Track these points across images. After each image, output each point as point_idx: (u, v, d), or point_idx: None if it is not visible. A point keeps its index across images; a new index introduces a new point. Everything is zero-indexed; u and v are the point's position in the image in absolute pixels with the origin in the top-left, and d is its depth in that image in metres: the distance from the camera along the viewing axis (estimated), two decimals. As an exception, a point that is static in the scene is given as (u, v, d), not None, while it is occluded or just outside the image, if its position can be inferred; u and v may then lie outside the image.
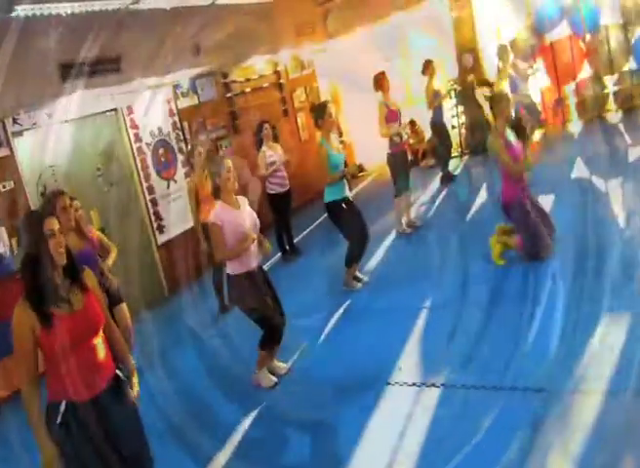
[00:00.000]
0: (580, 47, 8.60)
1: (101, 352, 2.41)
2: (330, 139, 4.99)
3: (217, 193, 3.80)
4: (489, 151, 4.58)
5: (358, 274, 5.21)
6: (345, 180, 5.06)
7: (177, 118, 7.26)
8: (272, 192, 6.57)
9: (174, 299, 6.32)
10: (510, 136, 4.54)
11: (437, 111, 7.97)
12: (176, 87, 7.34)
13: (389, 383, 3.52)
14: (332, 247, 6.44)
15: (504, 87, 6.65)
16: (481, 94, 4.77)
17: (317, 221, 8.21)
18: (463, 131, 9.14)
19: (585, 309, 3.58)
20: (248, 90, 8.68)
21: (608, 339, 3.21)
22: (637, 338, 3.14)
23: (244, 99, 8.58)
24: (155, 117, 6.89)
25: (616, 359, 3.04)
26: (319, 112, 4.95)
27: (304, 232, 7.73)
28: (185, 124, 7.42)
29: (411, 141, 9.72)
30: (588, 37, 8.48)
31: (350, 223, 4.98)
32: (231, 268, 3.79)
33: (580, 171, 6.46)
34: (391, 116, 6.12)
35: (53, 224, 2.30)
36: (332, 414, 3.38)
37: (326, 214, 7.83)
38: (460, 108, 9.25)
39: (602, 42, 8.24)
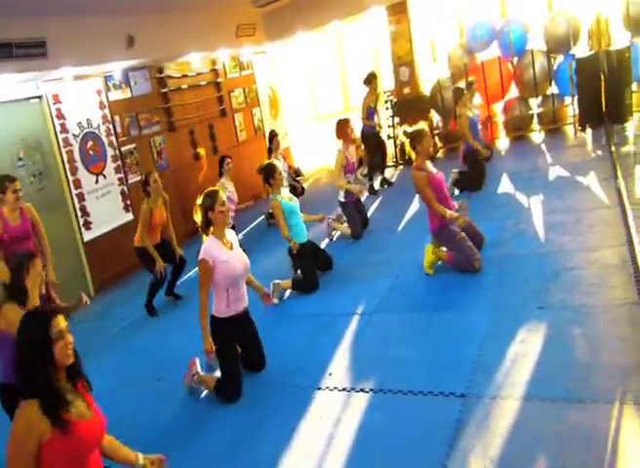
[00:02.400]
0: (509, 68, 9.07)
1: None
2: (281, 193, 5.16)
3: (206, 228, 3.58)
4: (416, 189, 4.70)
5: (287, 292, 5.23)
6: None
7: (107, 111, 6.96)
8: None
9: (100, 299, 6.01)
10: (431, 167, 4.71)
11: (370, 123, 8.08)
12: (107, 78, 7.04)
13: (320, 388, 3.53)
14: (269, 252, 6.40)
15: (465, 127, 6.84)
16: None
17: (253, 224, 8.15)
18: (399, 141, 9.36)
19: (505, 318, 3.76)
20: (184, 86, 8.47)
21: (526, 348, 3.37)
22: (553, 347, 3.33)
23: (180, 96, 8.37)
24: (84, 108, 6.57)
25: (533, 366, 3.20)
26: (269, 172, 5.07)
27: (239, 236, 7.60)
28: (117, 117, 7.13)
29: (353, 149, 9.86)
30: (516, 60, 8.95)
31: (308, 267, 5.12)
32: (217, 310, 3.61)
33: (504, 186, 6.80)
34: (349, 168, 6.16)
35: (60, 324, 2.06)
36: (261, 419, 3.34)
37: (263, 217, 7.90)
38: (397, 119, 9.48)
39: (528, 66, 8.72)
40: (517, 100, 9.12)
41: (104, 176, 6.70)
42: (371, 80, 8.00)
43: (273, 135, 6.26)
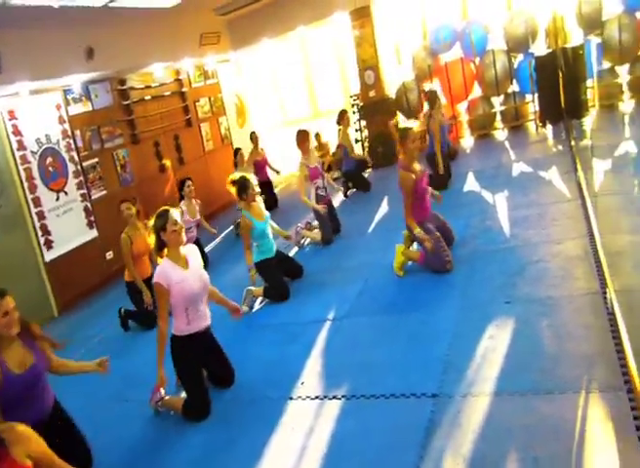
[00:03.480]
0: (471, 69, 9.21)
1: None
2: (252, 209, 5.06)
3: (160, 249, 3.47)
4: (399, 184, 4.62)
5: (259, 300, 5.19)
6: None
7: (67, 125, 6.82)
8: None
9: (65, 320, 5.86)
10: (417, 167, 4.67)
11: (350, 160, 8.12)
12: (66, 92, 6.90)
13: (291, 398, 3.48)
14: (240, 260, 6.32)
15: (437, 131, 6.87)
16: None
17: (224, 233, 8.07)
18: (366, 144, 9.41)
19: (474, 315, 3.78)
20: (148, 97, 8.37)
21: (495, 343, 3.39)
22: (521, 340, 3.35)
23: (143, 108, 8.26)
24: (42, 123, 6.43)
25: (502, 361, 3.22)
26: (243, 187, 4.99)
27: (209, 247, 7.53)
28: (78, 132, 6.99)
29: (316, 154, 9.87)
30: (478, 60, 9.10)
31: (275, 280, 5.08)
32: (176, 328, 3.51)
33: (470, 184, 6.87)
34: (313, 174, 6.17)
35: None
36: (231, 436, 3.28)
37: (232, 228, 7.84)
38: (363, 123, 9.53)
39: (489, 65, 8.87)
40: (480, 100, 9.27)
41: (66, 193, 6.54)
42: (342, 117, 8.09)
43: (184, 180, 6.30)
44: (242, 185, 4.99)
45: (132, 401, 3.98)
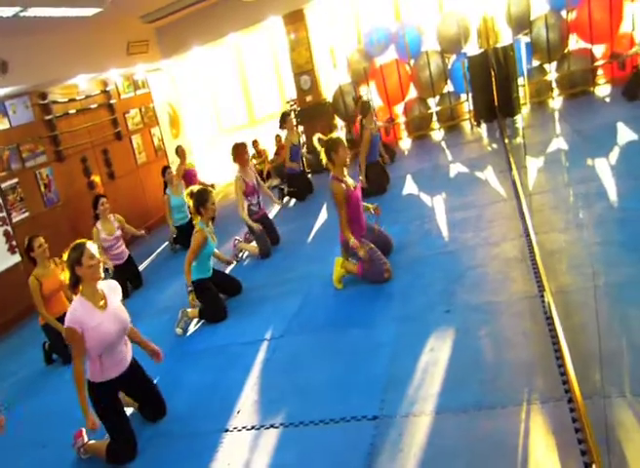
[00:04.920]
0: (406, 70, 9.22)
1: None
2: (210, 226, 4.80)
3: (75, 286, 3.12)
4: (332, 196, 4.44)
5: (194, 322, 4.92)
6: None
7: (-19, 144, 6.32)
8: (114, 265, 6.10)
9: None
10: (348, 178, 4.53)
11: (294, 159, 7.90)
12: (-23, 109, 6.40)
13: (227, 430, 3.25)
14: (175, 279, 6.03)
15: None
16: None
17: (158, 249, 7.72)
18: (305, 150, 9.25)
19: (414, 327, 3.66)
20: (72, 111, 7.91)
21: (436, 356, 3.27)
22: (461, 351, 3.25)
23: (68, 122, 7.80)
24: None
25: (443, 375, 3.10)
26: (201, 200, 4.68)
27: (145, 263, 7.17)
28: (-7, 151, 6.49)
29: (254, 162, 9.65)
30: (412, 62, 9.12)
31: (210, 299, 4.82)
32: (91, 374, 3.17)
33: (408, 187, 6.82)
34: (249, 191, 5.94)
35: None
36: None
37: (167, 244, 7.51)
38: (301, 128, 9.37)
39: (424, 66, 8.90)
40: (416, 101, 9.29)
41: (-17, 215, 6.06)
42: (285, 120, 7.84)
43: (98, 198, 6.03)
44: (200, 198, 4.69)
45: (53, 445, 3.63)
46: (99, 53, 8.00)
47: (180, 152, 8.59)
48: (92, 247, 3.12)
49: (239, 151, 6.02)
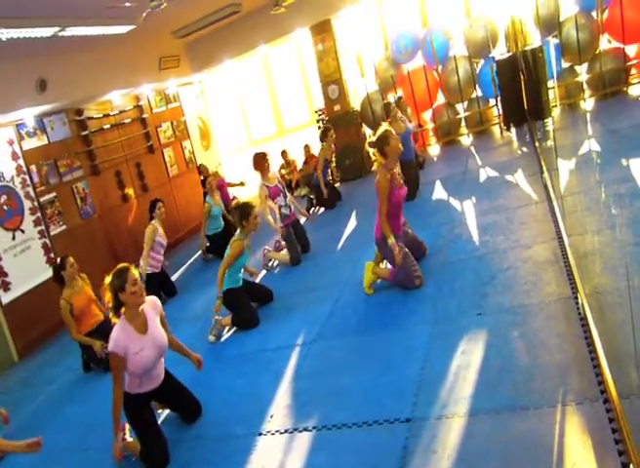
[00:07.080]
0: (434, 76, 9.21)
1: None
2: (248, 238, 4.90)
3: (118, 309, 3.22)
4: (376, 187, 4.36)
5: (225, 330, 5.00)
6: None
7: (22, 161, 6.59)
8: (149, 272, 6.18)
9: (25, 364, 5.57)
10: (398, 176, 4.48)
11: (324, 173, 8.01)
12: (19, 126, 6.69)
13: (261, 434, 3.29)
14: (209, 288, 6.13)
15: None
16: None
17: (191, 260, 7.87)
18: (334, 158, 9.31)
19: (446, 330, 3.64)
20: (107, 126, 8.18)
21: (468, 359, 3.25)
22: (494, 353, 3.22)
23: (102, 137, 8.07)
24: (-6, 161, 6.19)
25: (476, 377, 3.08)
26: (244, 214, 4.80)
27: (177, 273, 7.32)
28: (33, 167, 6.76)
29: (283, 172, 9.77)
30: (440, 68, 9.11)
31: (242, 308, 4.91)
32: (129, 386, 3.30)
33: (438, 192, 6.79)
34: (273, 193, 6.05)
35: None
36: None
37: (199, 253, 7.66)
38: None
39: (452, 72, 8.87)
40: (445, 106, 9.26)
41: (22, 231, 6.29)
42: (326, 135, 7.98)
43: (155, 202, 6.23)
44: (244, 212, 4.80)
45: (93, 449, 3.73)
46: (132, 69, 8.26)
47: (203, 170, 8.95)
48: (134, 273, 3.19)
49: (258, 159, 6.16)
